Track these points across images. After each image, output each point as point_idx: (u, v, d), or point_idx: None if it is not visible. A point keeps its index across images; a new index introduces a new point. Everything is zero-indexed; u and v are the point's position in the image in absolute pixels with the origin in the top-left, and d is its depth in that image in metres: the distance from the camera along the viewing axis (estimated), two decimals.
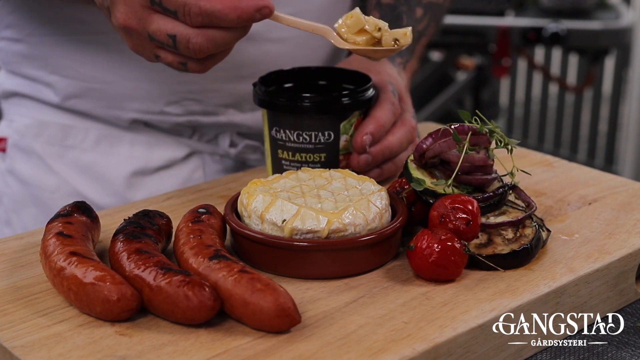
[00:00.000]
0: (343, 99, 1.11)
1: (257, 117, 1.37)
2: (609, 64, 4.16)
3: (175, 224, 1.00)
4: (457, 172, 0.99)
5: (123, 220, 0.96)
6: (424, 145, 1.01)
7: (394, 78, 1.23)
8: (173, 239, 0.96)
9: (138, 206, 1.09)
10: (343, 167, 1.14)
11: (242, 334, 0.82)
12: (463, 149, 0.98)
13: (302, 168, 1.06)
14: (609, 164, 4.25)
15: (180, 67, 1.00)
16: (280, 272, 0.94)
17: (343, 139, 1.12)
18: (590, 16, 3.44)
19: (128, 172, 1.34)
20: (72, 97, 1.32)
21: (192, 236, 0.91)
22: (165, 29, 0.96)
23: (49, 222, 0.94)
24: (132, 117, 1.32)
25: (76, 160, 1.34)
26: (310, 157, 1.12)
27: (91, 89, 1.31)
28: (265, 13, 0.95)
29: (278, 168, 1.15)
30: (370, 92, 1.14)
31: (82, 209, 0.97)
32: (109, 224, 1.04)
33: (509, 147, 1.00)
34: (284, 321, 0.81)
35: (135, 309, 0.84)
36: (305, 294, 0.90)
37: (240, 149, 1.38)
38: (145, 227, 0.94)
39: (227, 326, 0.84)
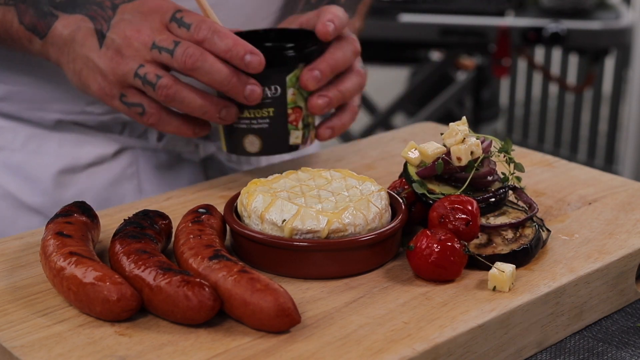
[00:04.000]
0: (287, 52, 1.13)
1: None
2: (609, 64, 4.16)
3: (175, 224, 1.00)
4: (464, 188, 1.00)
5: (123, 220, 0.96)
6: (424, 173, 1.01)
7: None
8: (173, 239, 0.96)
9: (138, 206, 1.09)
10: (291, 122, 1.15)
11: (242, 334, 0.82)
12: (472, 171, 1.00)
13: (301, 168, 1.06)
14: (609, 164, 4.25)
15: (138, 111, 1.11)
16: (280, 272, 0.94)
17: (290, 92, 1.14)
18: (590, 16, 3.44)
19: (55, 171, 1.33)
20: None
21: (192, 236, 0.91)
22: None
23: (49, 222, 0.94)
24: (56, 118, 1.32)
25: (6, 161, 1.33)
26: (259, 113, 1.13)
27: (14, 92, 1.31)
28: (253, 63, 1.08)
29: (229, 129, 1.16)
30: (314, 45, 1.15)
31: (82, 209, 0.97)
32: (109, 224, 1.04)
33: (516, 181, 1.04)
34: (284, 321, 0.81)
35: (135, 309, 0.84)
36: (305, 294, 0.90)
37: (167, 141, 1.36)
38: (145, 227, 0.94)
39: (227, 326, 0.84)
